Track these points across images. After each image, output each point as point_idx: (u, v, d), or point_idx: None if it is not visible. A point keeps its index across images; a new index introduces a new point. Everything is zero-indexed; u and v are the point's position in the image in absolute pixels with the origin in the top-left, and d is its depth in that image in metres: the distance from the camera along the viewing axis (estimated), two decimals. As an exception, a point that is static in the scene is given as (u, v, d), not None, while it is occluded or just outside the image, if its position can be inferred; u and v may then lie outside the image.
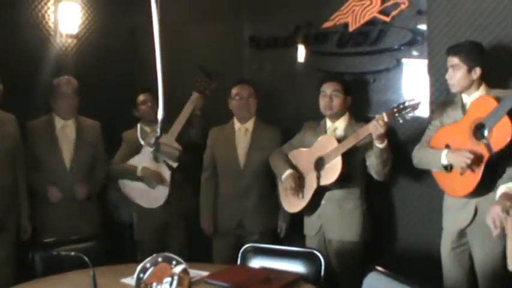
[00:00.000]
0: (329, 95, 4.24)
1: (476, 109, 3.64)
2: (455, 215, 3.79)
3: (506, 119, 3.41)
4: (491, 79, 3.77)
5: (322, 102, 4.27)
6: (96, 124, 4.88)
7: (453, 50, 3.76)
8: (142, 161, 4.77)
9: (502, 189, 3.21)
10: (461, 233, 3.76)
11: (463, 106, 3.78)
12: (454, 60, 3.73)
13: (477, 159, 3.52)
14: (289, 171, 4.30)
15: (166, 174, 4.74)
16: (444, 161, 3.71)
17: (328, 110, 4.26)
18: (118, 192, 4.98)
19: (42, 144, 4.63)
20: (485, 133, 3.53)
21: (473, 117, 3.62)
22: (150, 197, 4.83)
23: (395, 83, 4.51)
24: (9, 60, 4.66)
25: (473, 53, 3.72)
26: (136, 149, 4.73)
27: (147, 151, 4.69)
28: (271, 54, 5.13)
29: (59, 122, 4.71)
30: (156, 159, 4.73)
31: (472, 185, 3.58)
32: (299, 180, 4.27)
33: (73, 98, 4.70)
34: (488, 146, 3.49)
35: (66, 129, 4.72)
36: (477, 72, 3.68)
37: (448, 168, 3.72)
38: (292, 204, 4.36)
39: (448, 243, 3.84)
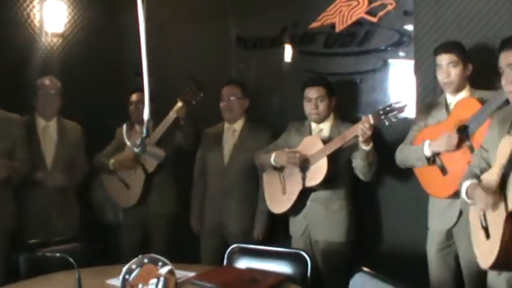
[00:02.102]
0: (314, 101, 4.22)
1: (461, 110, 3.65)
2: (440, 216, 3.80)
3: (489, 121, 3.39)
4: (476, 80, 3.79)
5: (307, 108, 4.26)
6: (77, 126, 4.87)
7: (447, 48, 3.75)
8: None
9: (466, 184, 3.13)
10: (448, 234, 3.77)
11: (447, 106, 3.80)
12: (451, 57, 3.71)
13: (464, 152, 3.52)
14: (275, 153, 4.29)
15: (141, 177, 4.77)
16: (427, 152, 3.72)
17: (314, 116, 4.25)
18: (103, 191, 5.00)
19: None
20: (468, 135, 3.53)
21: (457, 118, 3.63)
22: (124, 195, 4.87)
23: (382, 83, 4.51)
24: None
25: (463, 50, 3.75)
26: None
27: (129, 150, 4.69)
28: (258, 55, 5.10)
29: (40, 122, 4.69)
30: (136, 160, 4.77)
31: (454, 186, 3.52)
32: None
33: (55, 98, 4.68)
34: (471, 148, 3.49)
35: (48, 130, 4.71)
36: (469, 68, 3.72)
37: (431, 160, 3.73)
38: (278, 204, 4.35)
39: (435, 244, 3.85)
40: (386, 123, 3.86)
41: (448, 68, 3.73)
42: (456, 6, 4.10)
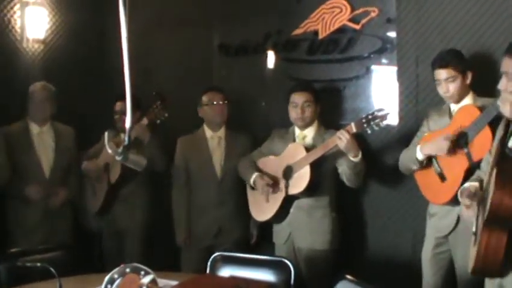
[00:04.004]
0: (300, 106, 4.20)
1: (461, 117, 3.64)
2: (438, 222, 3.81)
3: (487, 129, 3.41)
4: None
5: (294, 113, 4.24)
6: (70, 129, 4.86)
7: (442, 62, 3.69)
8: None
9: (465, 185, 3.19)
10: (444, 239, 3.79)
11: (450, 113, 3.79)
12: (445, 73, 3.66)
13: (461, 163, 3.53)
14: (255, 174, 4.28)
15: (105, 187, 4.73)
16: (419, 155, 3.72)
17: (300, 121, 4.23)
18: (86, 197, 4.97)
19: (19, 150, 4.57)
20: (467, 142, 3.53)
21: (457, 125, 3.63)
22: (92, 202, 4.87)
23: (365, 90, 4.52)
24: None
25: (461, 59, 3.72)
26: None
27: (104, 156, 4.66)
28: (241, 62, 5.11)
29: (34, 128, 4.67)
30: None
31: (452, 193, 3.57)
32: (270, 180, 4.21)
33: (48, 104, 4.66)
34: (468, 155, 3.50)
35: (43, 136, 4.69)
36: (469, 76, 3.69)
37: (424, 163, 3.73)
38: (261, 212, 4.34)
39: (430, 249, 3.85)
40: (369, 132, 3.87)
41: (446, 83, 3.69)
42: (439, 13, 4.12)
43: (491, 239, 2.75)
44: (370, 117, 3.82)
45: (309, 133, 4.27)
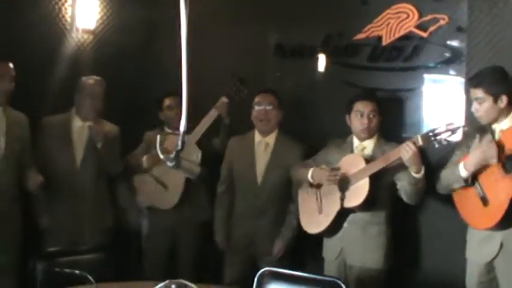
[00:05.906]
0: (367, 116, 4.02)
1: (509, 139, 3.48)
2: (479, 247, 3.66)
3: None
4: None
5: (358, 124, 4.05)
6: (114, 128, 4.71)
7: (474, 82, 3.61)
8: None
9: None
10: (488, 267, 3.60)
11: (492, 133, 3.62)
12: (476, 93, 3.57)
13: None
14: (313, 168, 4.11)
15: (181, 175, 4.50)
16: (463, 172, 3.57)
17: (366, 132, 4.05)
18: (128, 196, 4.82)
19: (56, 142, 4.48)
20: None
21: (504, 146, 3.46)
22: (162, 196, 4.66)
23: (428, 102, 4.35)
24: (23, 54, 4.48)
25: (496, 81, 3.56)
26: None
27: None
28: (296, 64, 4.92)
29: (77, 122, 4.56)
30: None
31: (495, 218, 3.45)
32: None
33: (100, 100, 4.55)
34: None
35: (83, 131, 4.55)
36: (504, 100, 3.53)
37: (468, 181, 3.58)
38: (312, 224, 4.16)
39: (475, 276, 3.68)
40: (436, 146, 3.70)
41: (475, 103, 3.60)
42: (514, 24, 3.93)
43: None
44: (437, 131, 3.65)
45: (369, 144, 4.09)
